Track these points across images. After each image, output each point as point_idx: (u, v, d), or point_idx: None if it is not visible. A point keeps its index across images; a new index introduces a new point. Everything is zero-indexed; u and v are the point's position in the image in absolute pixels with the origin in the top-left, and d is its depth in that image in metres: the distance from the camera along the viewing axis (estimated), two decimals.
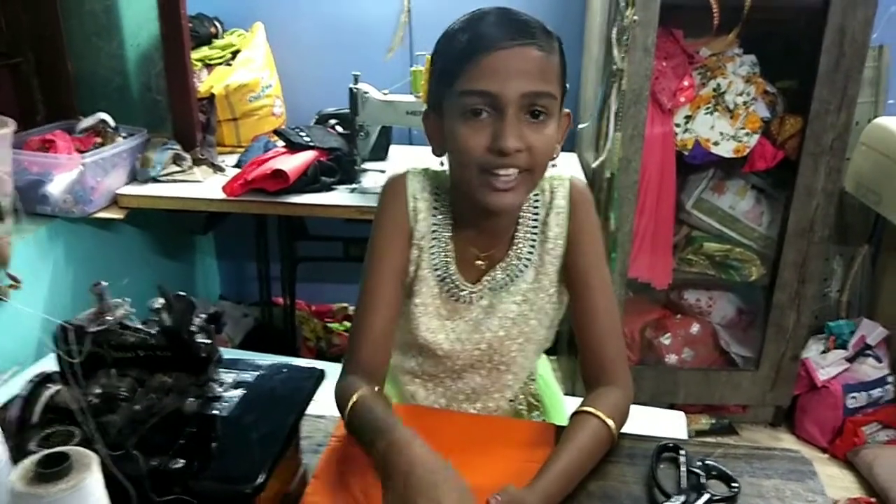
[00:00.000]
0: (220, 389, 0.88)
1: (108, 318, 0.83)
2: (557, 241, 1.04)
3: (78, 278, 1.95)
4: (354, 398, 0.90)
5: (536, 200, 1.06)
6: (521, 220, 1.06)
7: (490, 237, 1.05)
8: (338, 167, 2.04)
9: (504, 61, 0.89)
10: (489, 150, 0.91)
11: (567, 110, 1.01)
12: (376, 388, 0.95)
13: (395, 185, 1.06)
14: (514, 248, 1.05)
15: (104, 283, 0.81)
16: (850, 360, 2.31)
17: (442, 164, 1.03)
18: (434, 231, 1.05)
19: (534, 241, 1.05)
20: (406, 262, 1.05)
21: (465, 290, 1.05)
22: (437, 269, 1.05)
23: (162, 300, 0.78)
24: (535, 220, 1.05)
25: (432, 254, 1.05)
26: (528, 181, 0.95)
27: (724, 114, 2.07)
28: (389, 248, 1.03)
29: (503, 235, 1.06)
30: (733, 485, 0.89)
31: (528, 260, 1.05)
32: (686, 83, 2.05)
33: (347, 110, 2.00)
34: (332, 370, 1.02)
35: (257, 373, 0.93)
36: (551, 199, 1.05)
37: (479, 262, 1.06)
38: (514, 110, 0.89)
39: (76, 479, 0.63)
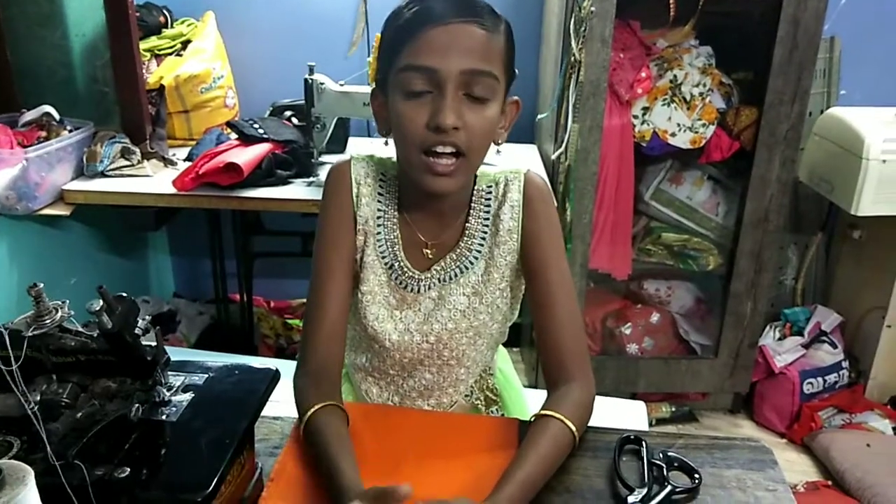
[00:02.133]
0: (167, 394, 0.84)
1: (47, 321, 0.78)
2: (511, 234, 1.03)
3: (23, 278, 1.87)
4: (307, 415, 0.90)
5: (489, 192, 1.04)
6: (472, 211, 1.04)
7: (437, 222, 1.04)
8: (294, 160, 2.00)
9: (445, 37, 0.88)
10: (427, 127, 0.90)
11: (516, 98, 0.99)
12: (332, 399, 0.93)
13: (339, 172, 1.05)
14: (465, 238, 1.04)
15: (41, 285, 0.77)
16: (806, 346, 2.36)
17: (387, 143, 1.01)
18: (379, 216, 1.04)
19: (485, 233, 1.04)
20: (354, 251, 1.03)
21: (413, 277, 1.04)
22: (384, 256, 1.04)
23: (101, 302, 0.74)
24: (488, 211, 1.04)
25: (378, 239, 1.04)
26: (466, 165, 0.94)
27: (681, 105, 2.08)
28: (336, 237, 1.02)
29: (451, 222, 1.04)
30: (695, 476, 0.89)
31: (479, 252, 1.04)
32: (643, 74, 2.05)
33: (303, 102, 1.96)
34: (292, 368, 0.99)
35: (207, 375, 0.89)
36: (505, 192, 1.03)
37: (427, 251, 1.04)
38: (453, 87, 0.89)
39: (9, 496, 0.60)
